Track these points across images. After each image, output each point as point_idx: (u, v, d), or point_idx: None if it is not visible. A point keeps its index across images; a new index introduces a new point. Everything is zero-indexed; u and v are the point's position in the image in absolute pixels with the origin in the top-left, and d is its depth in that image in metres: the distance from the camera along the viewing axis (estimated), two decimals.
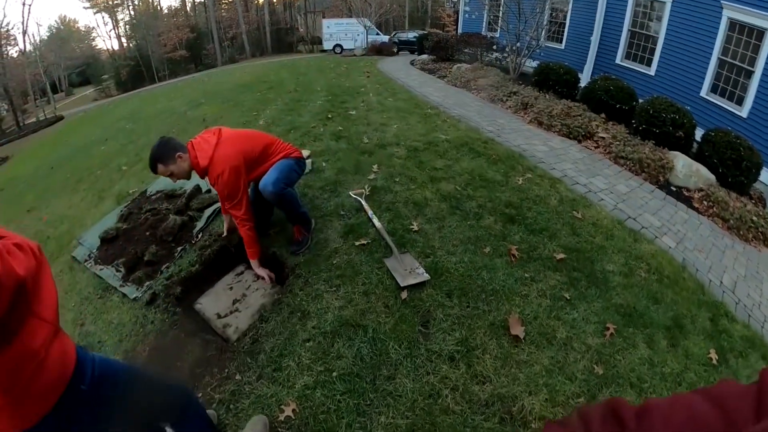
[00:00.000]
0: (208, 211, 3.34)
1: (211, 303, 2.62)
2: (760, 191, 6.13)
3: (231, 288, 2.71)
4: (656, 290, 3.03)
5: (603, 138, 5.74)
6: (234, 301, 2.59)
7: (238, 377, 2.10)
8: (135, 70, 32.43)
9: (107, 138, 8.36)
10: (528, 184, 3.95)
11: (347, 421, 1.91)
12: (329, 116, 5.79)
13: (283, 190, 2.57)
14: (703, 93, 7.56)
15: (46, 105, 27.56)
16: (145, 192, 3.94)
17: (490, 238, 3.05)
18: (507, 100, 7.08)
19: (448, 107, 6.52)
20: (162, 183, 3.93)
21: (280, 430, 1.91)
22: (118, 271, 2.91)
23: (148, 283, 2.75)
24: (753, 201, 5.58)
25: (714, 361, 2.61)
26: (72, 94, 36.01)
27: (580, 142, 5.67)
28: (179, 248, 3.02)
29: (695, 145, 6.03)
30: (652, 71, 8.60)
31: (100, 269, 2.99)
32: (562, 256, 3.03)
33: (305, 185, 3.63)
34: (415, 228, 3.03)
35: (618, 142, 5.56)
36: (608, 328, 2.53)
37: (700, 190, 5.06)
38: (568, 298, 2.70)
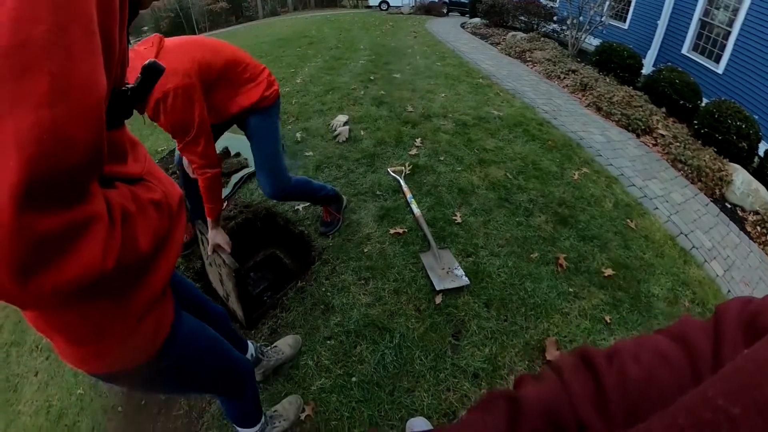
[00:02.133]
0: (235, 177, 3.05)
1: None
2: None
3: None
4: None
5: (663, 135, 5.10)
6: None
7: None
8: (175, 22, 31.40)
9: None
10: (584, 180, 3.49)
11: (358, 431, 1.70)
12: (371, 78, 5.31)
13: (287, 188, 2.02)
14: None
15: None
16: (174, 151, 3.66)
17: (539, 241, 2.68)
18: (564, 77, 6.37)
19: (501, 79, 5.89)
20: None
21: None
22: None
23: None
24: None
25: None
26: None
27: (638, 136, 5.05)
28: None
29: (756, 159, 5.39)
30: (720, 69, 7.51)
31: None
32: (610, 272, 2.65)
33: (340, 156, 3.27)
34: (458, 220, 2.67)
35: (678, 144, 4.94)
36: None
37: (756, 212, 4.52)
38: (608, 321, 2.34)
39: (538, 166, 3.53)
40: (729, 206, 4.53)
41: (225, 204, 2.84)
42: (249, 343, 1.59)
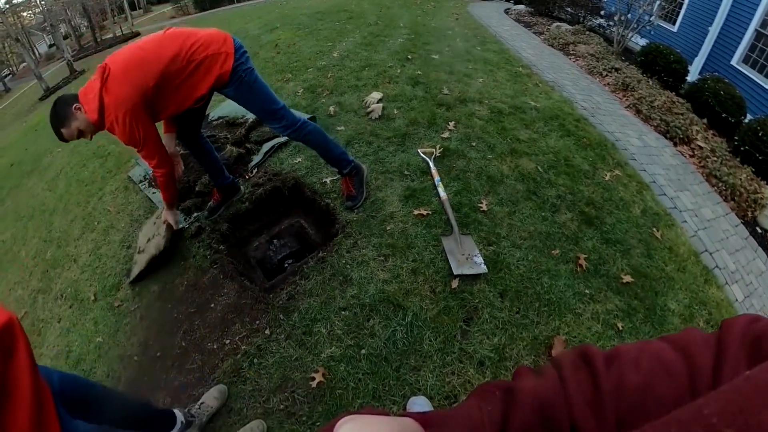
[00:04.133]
0: (266, 146, 3.02)
1: None
2: None
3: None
4: None
5: (701, 147, 4.81)
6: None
7: (267, 332, 1.91)
8: None
9: None
10: (615, 182, 3.33)
11: (362, 402, 1.71)
12: (409, 57, 5.13)
13: (293, 125, 2.11)
14: None
15: (124, 22, 26.76)
16: (207, 116, 3.64)
17: (562, 238, 2.58)
18: (606, 75, 6.02)
19: (542, 70, 5.61)
20: (226, 108, 3.62)
21: (296, 394, 1.74)
22: None
23: (195, 214, 2.54)
24: None
25: None
26: (150, 11, 34.81)
27: (675, 145, 4.77)
28: (232, 178, 2.76)
29: None
30: None
31: (153, 192, 2.81)
32: (629, 279, 2.54)
33: (371, 133, 3.20)
34: (484, 208, 2.58)
35: (716, 158, 4.65)
36: None
37: None
38: (620, 328, 2.26)
39: (571, 163, 3.38)
40: (760, 231, 4.27)
41: (255, 171, 2.84)
42: (175, 411, 1.58)
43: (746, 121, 5.57)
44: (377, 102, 3.59)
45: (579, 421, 0.35)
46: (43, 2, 21.20)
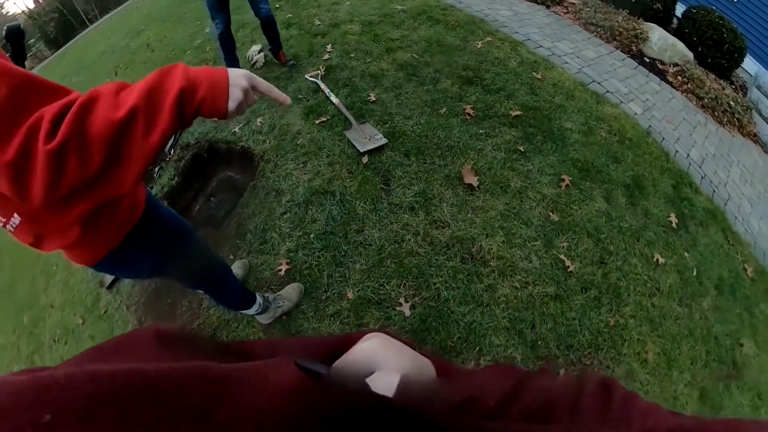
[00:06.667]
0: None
1: None
2: (743, 80, 5.52)
3: None
4: (616, 150, 2.94)
5: (573, 4, 5.20)
6: None
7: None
8: (61, 22, 26.49)
9: None
10: (487, 47, 3.70)
11: (328, 272, 2.05)
12: (277, 6, 5.16)
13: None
14: None
15: None
16: None
17: (447, 99, 2.96)
18: None
19: None
20: None
21: (271, 286, 2.07)
22: None
23: None
24: (733, 87, 5.02)
25: (674, 225, 2.62)
26: None
27: (548, 7, 5.10)
28: (156, 169, 2.91)
29: (675, 21, 5.38)
30: None
31: None
32: (518, 113, 2.94)
33: (261, 77, 3.39)
34: (373, 99, 2.91)
35: (589, 8, 5.01)
36: (564, 180, 2.54)
37: (676, 65, 4.59)
38: (523, 150, 2.68)
39: (442, 43, 3.70)
40: (648, 60, 4.59)
41: (172, 152, 3.00)
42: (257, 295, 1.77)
43: None
44: (258, 53, 3.73)
45: (576, 427, 0.35)
46: None
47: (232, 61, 3.22)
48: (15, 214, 0.81)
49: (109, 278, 2.59)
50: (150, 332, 0.36)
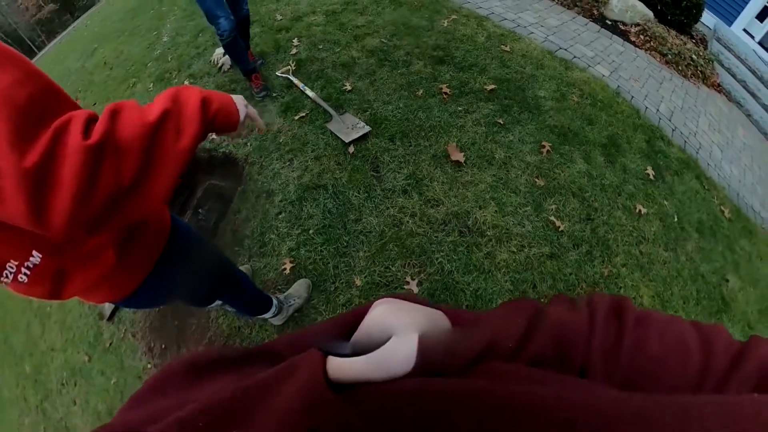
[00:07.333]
0: None
1: None
2: (703, 33, 5.65)
3: None
4: (590, 113, 3.03)
5: None
6: None
7: None
8: None
9: None
10: (454, 25, 3.72)
11: (333, 264, 2.08)
12: None
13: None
14: None
15: None
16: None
17: (422, 81, 2.98)
18: None
19: None
20: None
21: (277, 285, 2.08)
22: None
23: None
24: (694, 41, 5.18)
25: (651, 177, 2.75)
26: None
27: None
28: None
29: None
30: None
31: None
32: (492, 87, 3.00)
33: (231, 81, 3.32)
34: (349, 88, 2.90)
35: None
36: (544, 146, 2.62)
37: (637, 24, 4.71)
38: (502, 123, 2.75)
39: (409, 25, 3.70)
40: (610, 23, 4.70)
41: None
42: (272, 297, 1.76)
43: None
44: (223, 56, 3.65)
45: (591, 364, 0.35)
46: None
47: (245, 66, 2.92)
48: (34, 252, 0.70)
49: (108, 309, 2.53)
50: (181, 365, 0.37)
